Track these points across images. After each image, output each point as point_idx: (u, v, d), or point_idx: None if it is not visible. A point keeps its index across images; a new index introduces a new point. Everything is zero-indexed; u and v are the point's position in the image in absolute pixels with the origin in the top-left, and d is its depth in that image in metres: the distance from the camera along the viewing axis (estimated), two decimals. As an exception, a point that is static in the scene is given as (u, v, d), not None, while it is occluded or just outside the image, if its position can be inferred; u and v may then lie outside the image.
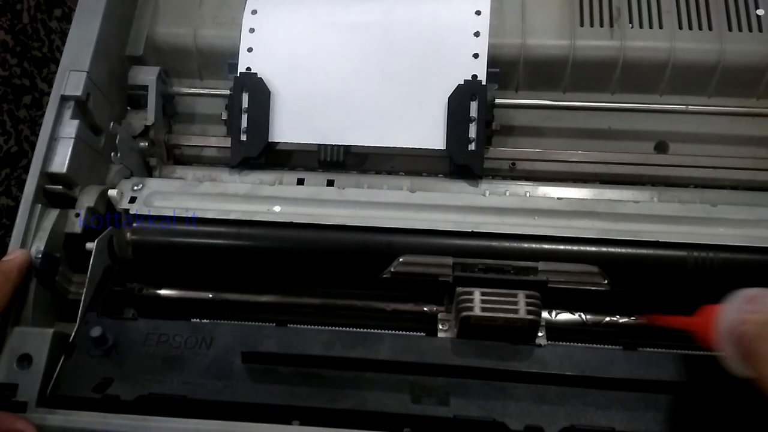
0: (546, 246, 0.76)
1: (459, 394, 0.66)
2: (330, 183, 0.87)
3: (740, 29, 0.87)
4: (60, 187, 0.78)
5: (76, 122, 0.79)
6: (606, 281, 0.74)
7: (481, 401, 0.65)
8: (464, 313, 0.69)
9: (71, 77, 0.80)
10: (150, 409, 0.66)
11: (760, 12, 0.88)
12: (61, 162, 0.77)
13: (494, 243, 0.76)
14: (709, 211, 0.77)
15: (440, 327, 0.73)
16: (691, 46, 0.87)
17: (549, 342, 0.70)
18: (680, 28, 0.87)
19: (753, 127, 0.88)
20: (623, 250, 0.74)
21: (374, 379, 0.67)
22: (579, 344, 0.72)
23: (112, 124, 0.82)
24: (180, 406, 0.66)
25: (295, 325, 0.74)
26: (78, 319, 0.72)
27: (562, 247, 0.75)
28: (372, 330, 0.75)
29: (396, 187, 0.85)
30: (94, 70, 0.82)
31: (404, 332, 0.74)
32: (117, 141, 0.83)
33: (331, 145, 0.86)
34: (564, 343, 0.72)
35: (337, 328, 0.75)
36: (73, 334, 0.71)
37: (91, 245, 0.76)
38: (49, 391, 0.67)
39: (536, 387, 0.66)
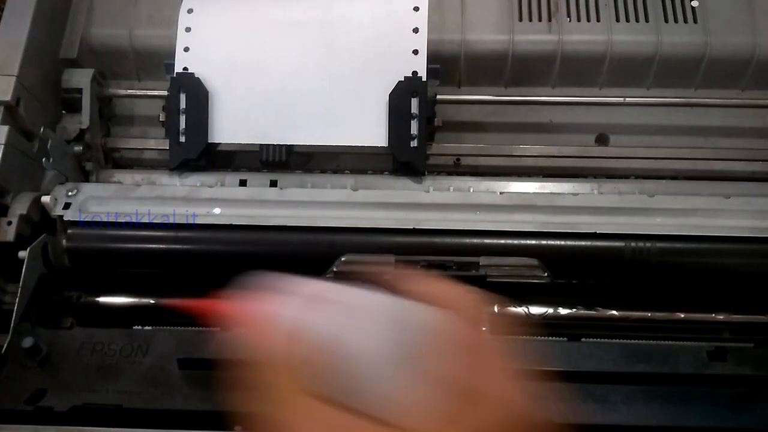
0: (487, 241, 0.76)
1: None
2: (273, 183, 0.86)
3: (676, 21, 0.89)
4: (-11, 194, 0.76)
5: (5, 128, 0.77)
6: (546, 273, 0.74)
7: None
8: (404, 311, 0.69)
9: (-1, 82, 0.79)
10: (84, 420, 0.64)
11: (695, 3, 0.89)
12: (-10, 169, 0.75)
13: (436, 239, 0.76)
14: (646, 201, 0.78)
15: (384, 325, 0.73)
16: (629, 39, 0.88)
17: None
18: (617, 20, 0.88)
19: (691, 117, 0.90)
20: (562, 243, 0.75)
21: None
22: (521, 337, 0.72)
23: (42, 128, 0.80)
24: (115, 415, 0.64)
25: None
26: (11, 329, 0.70)
27: (503, 241, 0.76)
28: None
29: (340, 185, 0.85)
30: (25, 73, 0.80)
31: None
32: (48, 146, 0.81)
33: (273, 144, 0.85)
34: (507, 336, 0.72)
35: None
36: (5, 345, 0.69)
37: (23, 254, 0.73)
38: (-21, 406, 0.65)
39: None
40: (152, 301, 0.77)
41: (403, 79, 0.83)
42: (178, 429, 0.63)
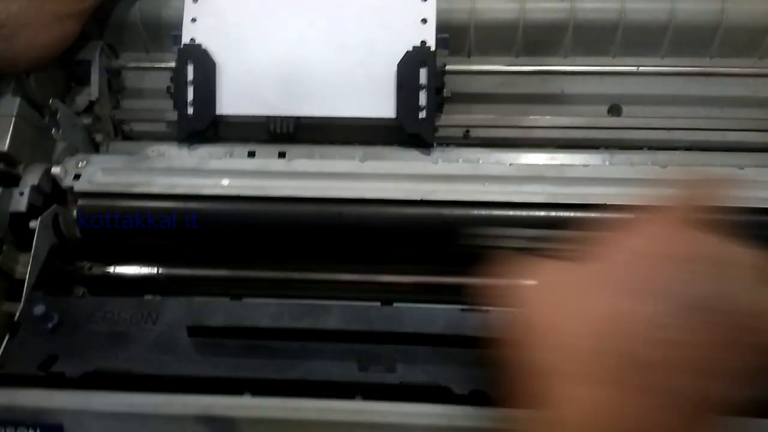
0: (495, 212, 0.75)
1: (406, 360, 0.66)
2: (282, 155, 0.86)
3: (691, -13, 0.86)
4: (1, 164, 0.77)
5: (17, 100, 0.78)
6: None
7: (427, 367, 0.65)
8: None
9: (9, 53, 0.79)
10: (96, 385, 0.65)
11: (711, -31, 0.86)
12: (1, 140, 0.76)
13: (444, 210, 0.76)
14: (658, 172, 0.76)
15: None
16: (642, 6, 0.86)
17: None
18: (631, -13, 0.86)
19: (706, 87, 0.88)
20: (571, 214, 0.74)
21: (322, 348, 0.67)
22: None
23: (51, 100, 0.81)
24: (125, 381, 0.65)
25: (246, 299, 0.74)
26: (23, 298, 0.71)
27: (510, 212, 0.75)
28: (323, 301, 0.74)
29: (348, 157, 0.84)
30: (34, 45, 0.80)
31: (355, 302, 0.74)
32: (58, 117, 0.81)
33: (281, 117, 0.84)
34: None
35: (287, 300, 0.74)
36: (18, 313, 0.70)
37: (34, 223, 0.74)
38: (-7, 371, 0.66)
39: (484, 352, 0.66)
40: (162, 272, 0.78)
41: (411, 49, 0.82)
42: (187, 393, 0.64)
